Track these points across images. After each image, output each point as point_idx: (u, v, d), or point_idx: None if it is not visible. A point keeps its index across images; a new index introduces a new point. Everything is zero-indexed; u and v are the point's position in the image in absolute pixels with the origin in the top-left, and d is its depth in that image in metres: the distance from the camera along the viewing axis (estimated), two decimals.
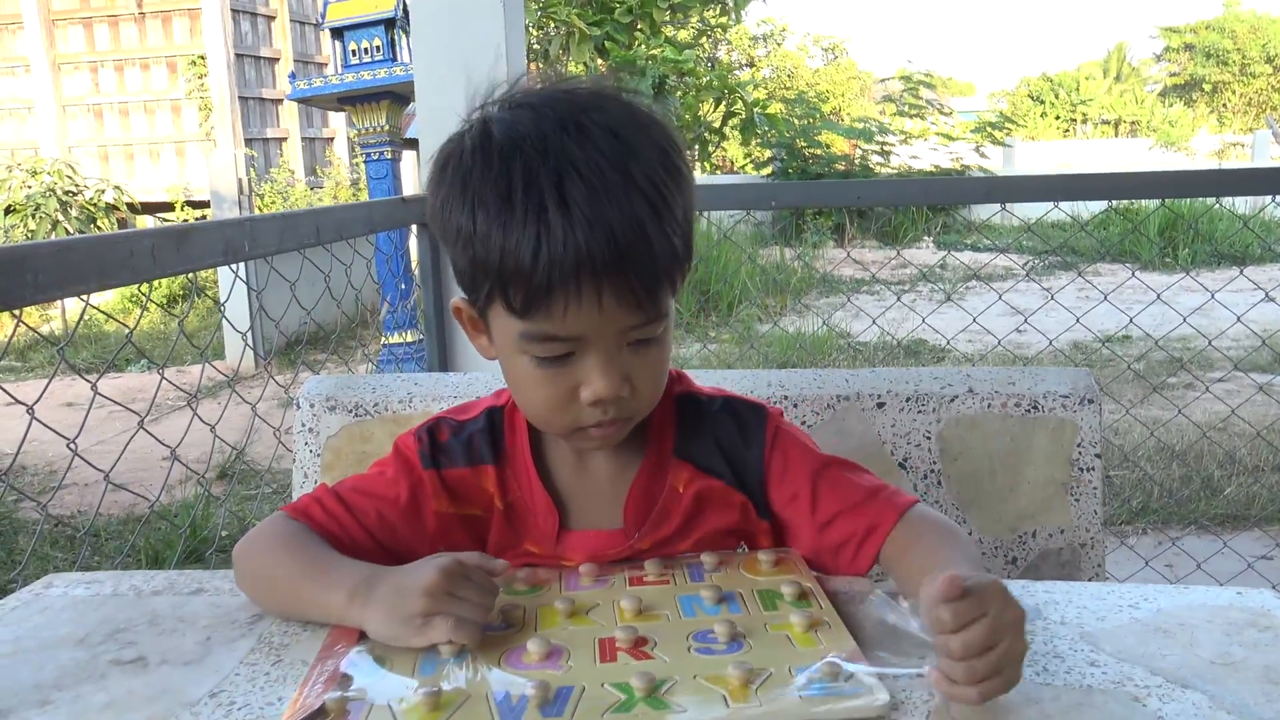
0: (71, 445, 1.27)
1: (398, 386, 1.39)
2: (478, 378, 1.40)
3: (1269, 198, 1.98)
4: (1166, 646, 0.75)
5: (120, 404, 1.44)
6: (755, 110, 10.58)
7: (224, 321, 6.55)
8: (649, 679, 0.68)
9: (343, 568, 0.82)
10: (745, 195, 2.26)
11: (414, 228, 2.02)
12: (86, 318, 6.94)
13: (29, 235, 7.46)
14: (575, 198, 0.74)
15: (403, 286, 5.26)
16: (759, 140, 11.16)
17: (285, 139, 10.93)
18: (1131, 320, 2.86)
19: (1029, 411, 1.27)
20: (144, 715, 0.70)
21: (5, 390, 1.40)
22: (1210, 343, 2.80)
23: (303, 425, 1.39)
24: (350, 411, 1.37)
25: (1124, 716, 0.66)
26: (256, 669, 0.77)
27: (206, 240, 1.29)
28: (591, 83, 0.86)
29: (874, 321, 2.58)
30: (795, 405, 1.30)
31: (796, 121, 11.80)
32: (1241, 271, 2.45)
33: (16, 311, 0.98)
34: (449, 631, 0.73)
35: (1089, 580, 1.28)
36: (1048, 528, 1.28)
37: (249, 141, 9.71)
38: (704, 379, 1.04)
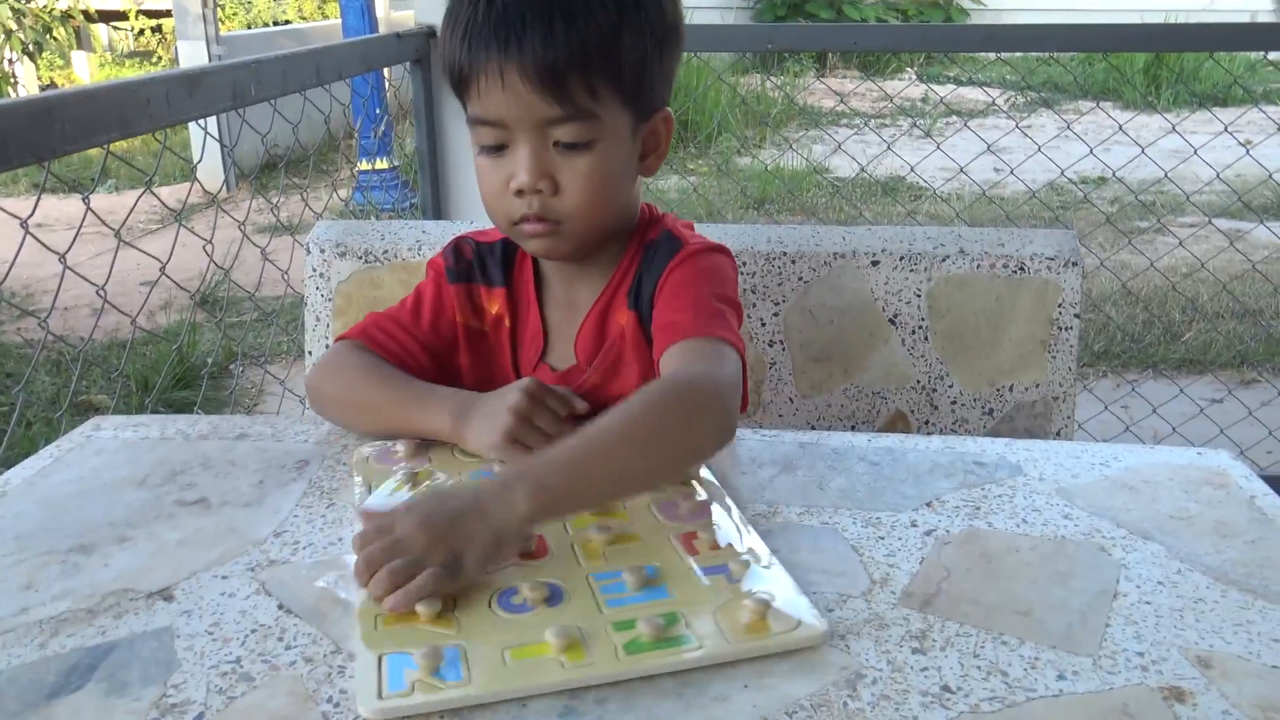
0: (62, 259, 1.25)
1: (406, 234, 1.43)
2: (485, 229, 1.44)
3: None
4: (1132, 501, 0.84)
5: (103, 221, 1.42)
6: None
7: (196, 139, 6.40)
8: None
9: (440, 395, 0.95)
10: (740, 37, 2.23)
11: (407, 65, 1.99)
12: None
13: None
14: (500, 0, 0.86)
15: (379, 111, 5.15)
16: None
17: None
18: (1114, 174, 2.90)
19: (1015, 272, 1.34)
20: (217, 552, 0.78)
21: None
22: (1189, 198, 2.86)
23: (313, 270, 1.43)
24: (360, 258, 1.41)
25: (1091, 564, 0.75)
26: (313, 511, 0.84)
27: (216, 84, 1.29)
28: None
29: (860, 167, 2.59)
30: (793, 261, 1.35)
31: None
32: (1226, 128, 2.48)
33: (45, 164, 1.00)
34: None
35: (1058, 430, 1.38)
36: (1024, 382, 1.37)
37: None
38: (706, 232, 1.09)
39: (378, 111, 5.03)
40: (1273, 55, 9.10)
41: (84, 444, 0.97)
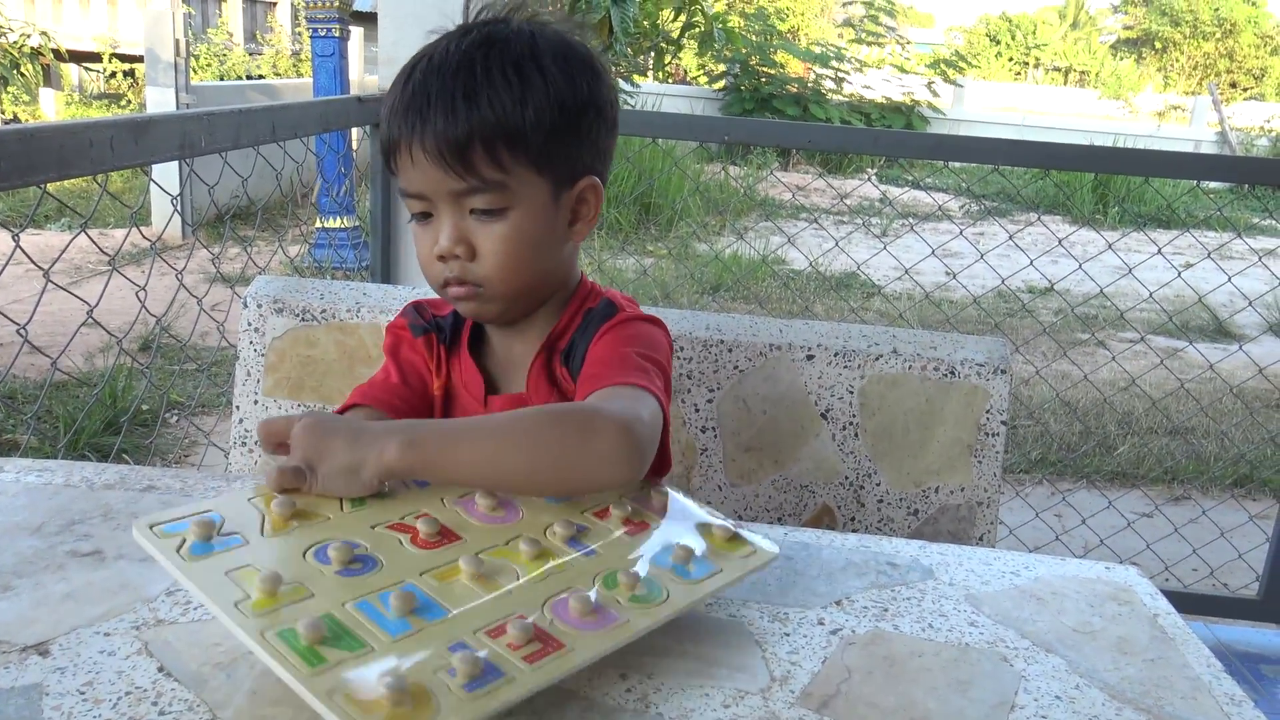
0: None
1: (346, 295, 1.42)
2: (426, 292, 1.44)
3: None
4: (1039, 612, 0.85)
5: (31, 260, 1.39)
6: (716, 24, 10.44)
7: (151, 185, 6.34)
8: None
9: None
10: (699, 127, 2.28)
11: (367, 128, 2.01)
12: None
13: None
14: (416, 76, 0.94)
15: (343, 170, 5.17)
16: (714, 55, 11.04)
17: None
18: (1053, 286, 2.98)
19: (946, 376, 1.36)
20: (104, 607, 0.75)
21: None
22: (1123, 315, 2.94)
23: (248, 325, 1.41)
24: (297, 315, 1.40)
25: (992, 674, 0.75)
26: None
27: (164, 133, 1.29)
28: (552, 17, 1.01)
29: (811, 262, 2.64)
30: (730, 350, 1.36)
31: (754, 38, 11.67)
32: (1159, 251, 2.57)
33: None
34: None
35: (981, 535, 1.39)
36: (950, 485, 1.38)
37: None
38: (650, 313, 1.10)
39: (340, 171, 5.05)
40: (1210, 185, 9.49)
41: None
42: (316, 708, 0.58)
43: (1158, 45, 27.09)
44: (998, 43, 29.73)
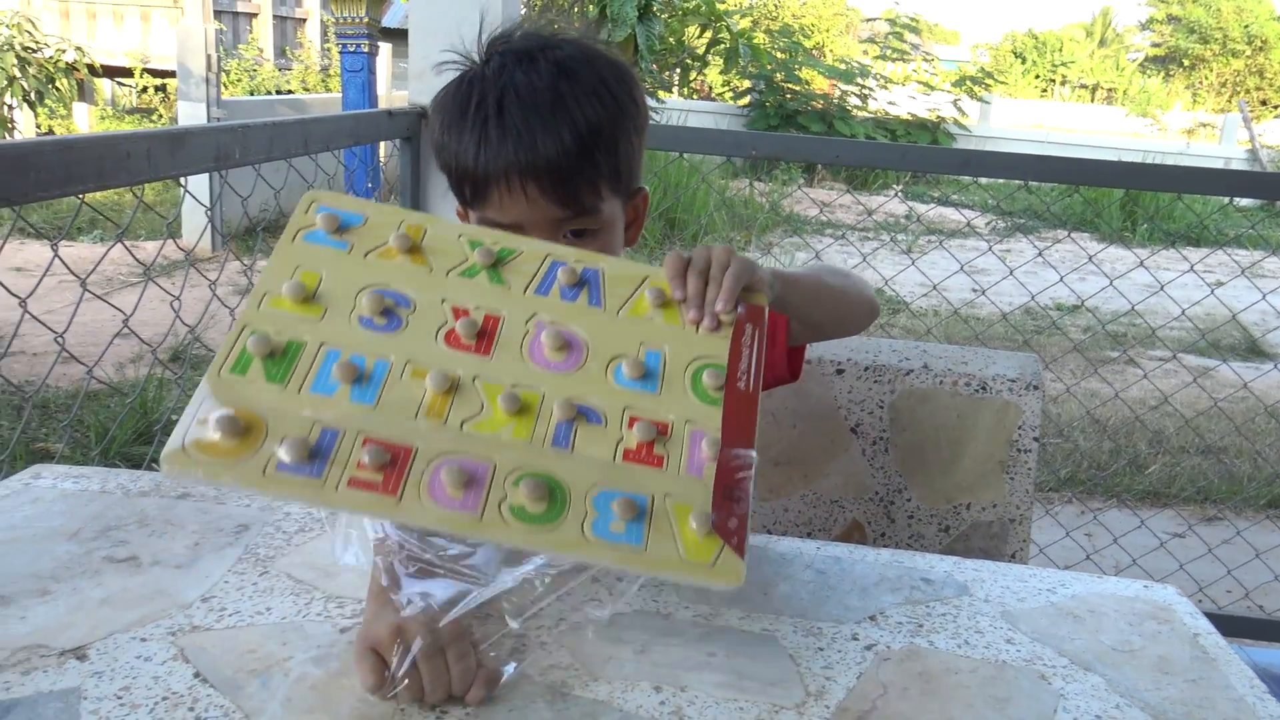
0: (23, 303, 1.24)
1: None
2: None
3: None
4: (1076, 630, 0.84)
5: (70, 270, 1.40)
6: (741, 41, 10.46)
7: (185, 195, 6.41)
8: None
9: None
10: (726, 141, 2.28)
11: (397, 142, 2.02)
12: None
13: None
14: (511, 113, 0.92)
15: (370, 184, 5.20)
16: (739, 71, 11.06)
17: (256, 15, 10.61)
18: (1083, 304, 2.95)
19: (978, 392, 1.35)
20: (140, 613, 0.76)
21: None
22: (1154, 333, 2.90)
23: None
24: None
25: (1030, 692, 0.74)
26: (245, 578, 0.82)
27: (200, 145, 1.30)
28: (574, 30, 1.03)
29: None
30: None
31: (779, 54, 11.68)
32: (1192, 268, 2.54)
33: (16, 208, 1.00)
34: None
35: (1013, 553, 1.37)
36: (982, 501, 1.36)
37: (218, 14, 9.40)
38: None
39: (369, 185, 5.09)
40: (1242, 201, 9.39)
41: (21, 491, 0.95)
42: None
43: (1186, 62, 26.90)
44: (1024, 60, 29.62)
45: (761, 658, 0.76)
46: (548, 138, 0.91)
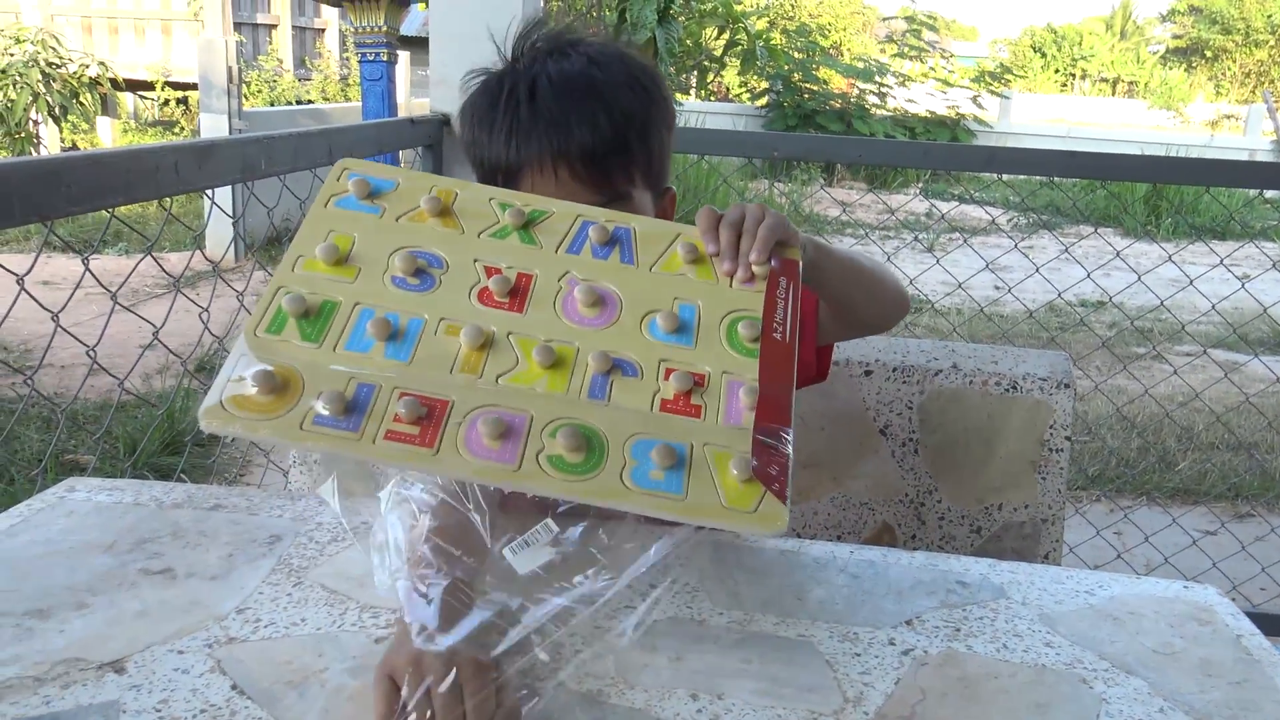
0: (55, 317, 1.25)
1: None
2: None
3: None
4: (1116, 633, 0.82)
5: (100, 283, 1.41)
6: (758, 42, 10.45)
7: (211, 208, 6.47)
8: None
9: None
10: (748, 142, 2.28)
11: (419, 150, 2.03)
12: None
13: (9, 105, 7.28)
14: (544, 98, 0.93)
15: None
16: (756, 72, 11.04)
17: (275, 26, 10.69)
18: (1110, 300, 2.93)
19: (1008, 391, 1.34)
20: (177, 625, 0.76)
21: None
22: (1184, 328, 2.87)
23: None
24: None
25: (1071, 696, 0.73)
26: (279, 589, 0.82)
27: (226, 157, 1.31)
28: (596, 33, 1.07)
29: None
30: None
31: (796, 55, 11.66)
32: (1221, 261, 2.52)
33: (48, 222, 1.01)
34: None
35: (1046, 553, 1.36)
36: (1013, 502, 1.35)
37: (238, 26, 9.47)
38: None
39: None
40: (1270, 193, 9.28)
41: (56, 505, 0.96)
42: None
43: (1208, 54, 26.63)
44: (1043, 54, 29.42)
45: (798, 664, 0.75)
46: (582, 122, 0.92)
